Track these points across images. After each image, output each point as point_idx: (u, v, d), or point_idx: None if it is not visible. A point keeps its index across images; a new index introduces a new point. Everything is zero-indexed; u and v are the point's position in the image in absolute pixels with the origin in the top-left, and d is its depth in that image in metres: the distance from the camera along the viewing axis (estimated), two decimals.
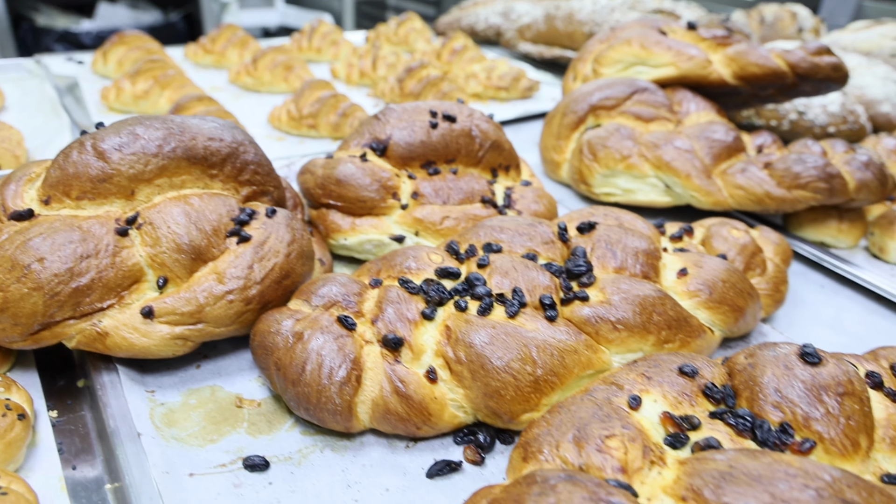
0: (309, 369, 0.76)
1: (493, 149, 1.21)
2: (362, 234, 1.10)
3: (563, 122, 1.50)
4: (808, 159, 1.21)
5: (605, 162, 1.36)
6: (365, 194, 1.10)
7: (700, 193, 1.27)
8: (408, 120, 1.17)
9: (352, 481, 0.74)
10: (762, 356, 0.72)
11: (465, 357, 0.78)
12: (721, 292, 0.92)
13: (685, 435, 0.65)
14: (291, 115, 1.68)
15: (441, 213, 1.10)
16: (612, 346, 0.84)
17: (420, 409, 0.77)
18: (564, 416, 0.67)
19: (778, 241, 1.10)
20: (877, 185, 1.20)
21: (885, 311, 1.14)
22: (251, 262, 0.87)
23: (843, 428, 0.65)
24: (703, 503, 0.56)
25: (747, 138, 1.39)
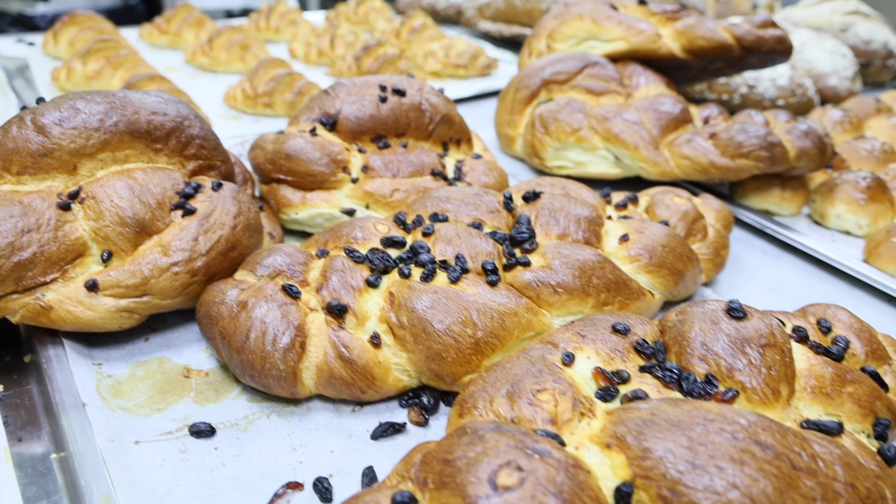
0: (253, 337, 0.77)
1: (444, 122, 1.23)
2: (313, 208, 1.11)
3: (516, 97, 1.51)
4: (750, 129, 1.24)
5: (557, 135, 1.38)
6: (315, 168, 1.10)
7: (648, 164, 1.30)
8: (357, 94, 1.18)
9: (297, 444, 0.75)
10: (691, 313, 0.74)
11: (408, 322, 0.79)
12: (661, 256, 0.95)
13: (615, 388, 0.68)
14: (246, 93, 1.68)
15: (391, 186, 1.11)
16: (552, 308, 0.86)
17: (364, 373, 0.79)
18: (499, 374, 0.69)
19: (720, 208, 1.14)
20: (816, 153, 1.24)
21: (823, 275, 1.18)
22: (196, 235, 0.87)
23: (764, 377, 0.68)
24: (625, 448, 0.59)
25: (695, 110, 1.42)
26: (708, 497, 0.54)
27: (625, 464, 0.58)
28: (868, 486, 0.59)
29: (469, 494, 0.53)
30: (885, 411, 0.72)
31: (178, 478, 0.70)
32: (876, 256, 1.14)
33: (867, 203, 1.26)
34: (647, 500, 0.56)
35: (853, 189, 1.27)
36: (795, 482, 0.55)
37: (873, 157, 1.45)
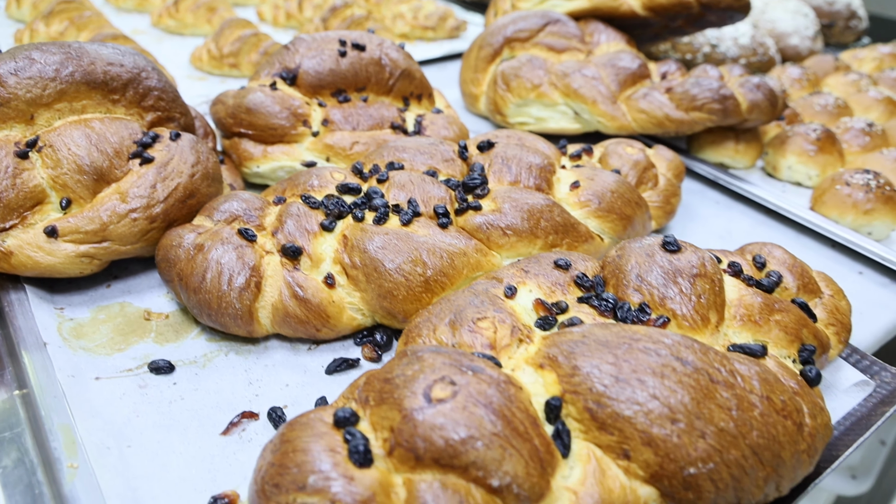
0: (209, 277, 0.80)
1: (404, 77, 1.24)
2: (274, 161, 1.13)
3: (479, 56, 1.53)
4: (704, 83, 1.27)
5: (518, 92, 1.41)
6: (275, 122, 1.12)
7: (606, 119, 1.33)
8: (317, 49, 1.19)
9: (253, 379, 0.78)
10: (629, 248, 0.78)
11: (360, 262, 0.82)
12: (610, 202, 0.98)
13: (553, 318, 0.71)
14: (212, 54, 1.68)
15: (351, 138, 1.13)
16: (502, 250, 0.89)
17: (318, 312, 0.81)
18: (444, 306, 0.72)
19: (671, 158, 1.17)
20: (767, 106, 1.27)
21: (771, 223, 1.22)
22: (154, 182, 0.89)
23: (693, 305, 0.71)
24: (556, 367, 0.62)
25: (653, 66, 1.45)
26: (630, 407, 0.58)
27: (556, 381, 0.62)
28: (784, 399, 0.63)
29: (405, 407, 0.56)
30: (812, 338, 0.77)
31: (137, 410, 0.73)
32: (821, 204, 1.18)
33: (817, 154, 1.29)
34: (575, 413, 0.60)
35: (803, 141, 1.31)
36: (712, 393, 0.59)
37: (827, 112, 1.49)
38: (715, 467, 0.57)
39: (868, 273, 1.09)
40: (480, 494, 0.54)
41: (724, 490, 0.58)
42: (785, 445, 0.61)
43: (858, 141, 1.37)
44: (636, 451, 0.58)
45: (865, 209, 1.13)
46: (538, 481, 0.55)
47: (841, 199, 1.15)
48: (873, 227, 1.14)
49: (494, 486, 0.53)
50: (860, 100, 1.57)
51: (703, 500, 0.58)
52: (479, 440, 0.54)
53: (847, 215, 1.14)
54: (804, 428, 0.63)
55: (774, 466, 0.60)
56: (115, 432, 0.70)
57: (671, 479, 0.58)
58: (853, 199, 1.14)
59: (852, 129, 1.39)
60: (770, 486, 0.61)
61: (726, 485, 0.58)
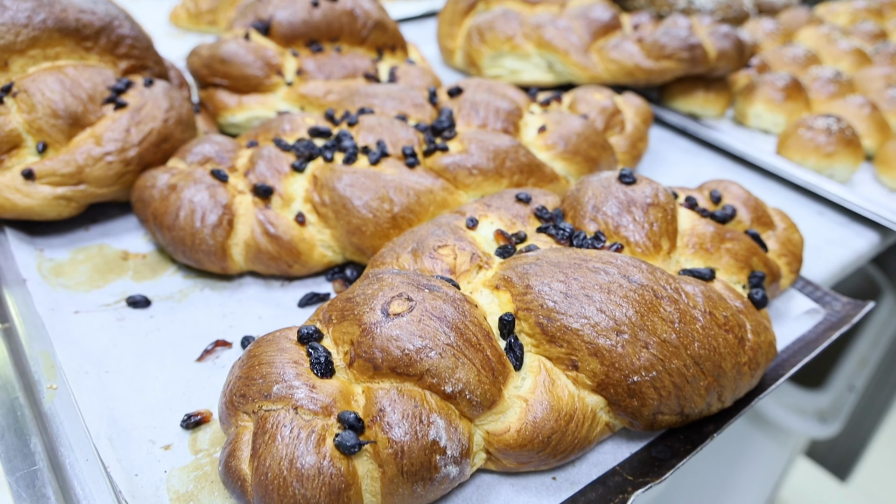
0: (182, 215, 0.83)
1: (377, 28, 1.26)
2: (249, 111, 1.15)
3: (455, 9, 1.54)
4: (673, 32, 1.29)
5: (492, 44, 1.42)
6: (249, 72, 1.14)
7: (578, 69, 1.35)
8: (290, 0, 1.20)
9: (227, 312, 0.82)
10: (587, 181, 0.81)
11: (330, 200, 0.85)
12: (575, 144, 1.01)
13: (512, 246, 0.74)
14: (190, 11, 1.68)
15: (325, 88, 1.15)
16: (469, 189, 0.92)
17: (290, 248, 0.84)
18: (408, 236, 0.75)
19: (639, 104, 1.19)
20: (735, 54, 1.30)
21: (738, 168, 1.25)
22: (128, 126, 0.91)
23: (646, 233, 0.75)
24: (511, 287, 0.66)
25: (626, 17, 1.47)
26: (578, 321, 0.62)
27: (510, 300, 0.65)
28: (727, 314, 0.67)
29: (364, 322, 0.59)
30: (762, 266, 0.80)
31: (114, 340, 0.76)
32: (785, 148, 1.21)
33: (784, 101, 1.32)
34: (527, 328, 0.64)
35: (770, 89, 1.33)
36: (656, 307, 0.63)
37: (797, 63, 1.52)
38: (657, 375, 0.61)
39: (828, 214, 1.13)
40: (435, 400, 0.57)
41: (666, 397, 0.62)
42: (726, 357, 0.65)
43: (826, 90, 1.40)
44: (584, 362, 0.61)
45: (827, 152, 1.16)
46: (490, 388, 0.59)
47: (803, 143, 1.18)
48: (835, 170, 1.17)
49: (448, 392, 0.57)
50: (830, 51, 1.59)
51: (646, 406, 0.62)
52: (434, 350, 0.57)
53: (809, 158, 1.18)
54: (745, 342, 0.67)
55: (715, 376, 0.64)
56: (94, 359, 0.73)
57: (616, 388, 0.61)
58: (815, 142, 1.17)
59: (820, 79, 1.42)
60: (712, 396, 0.65)
61: (669, 392, 0.62)
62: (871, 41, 1.73)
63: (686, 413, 0.64)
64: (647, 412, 0.62)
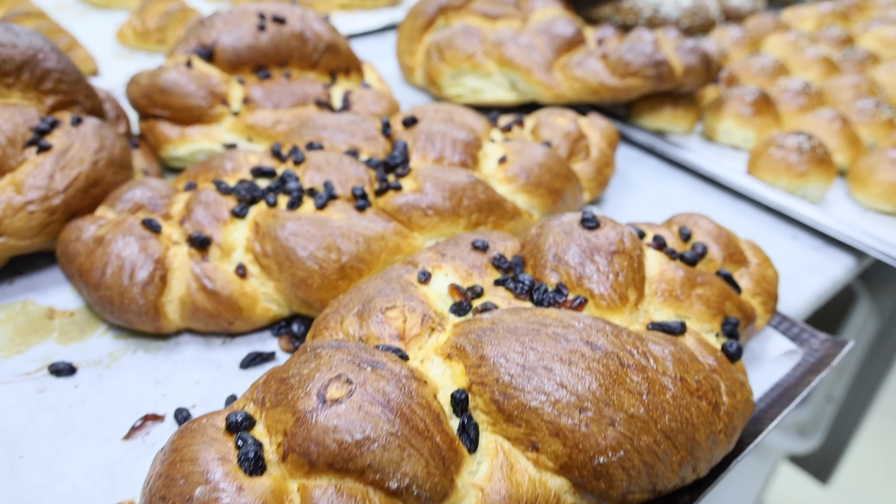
0: (110, 272, 0.76)
1: (329, 51, 1.19)
2: (193, 143, 1.07)
3: (414, 25, 1.48)
4: (638, 48, 1.24)
5: (452, 62, 1.36)
6: (192, 102, 1.07)
7: (541, 88, 1.29)
8: (234, 23, 1.13)
9: (161, 378, 0.75)
10: (548, 226, 0.75)
11: (272, 250, 0.78)
12: (538, 176, 0.95)
13: (468, 303, 0.68)
14: (137, 30, 1.60)
15: (273, 117, 1.08)
16: (424, 231, 0.86)
17: (230, 304, 0.78)
18: (354, 295, 0.69)
19: (605, 126, 1.14)
20: (702, 69, 1.25)
21: (708, 189, 1.21)
22: (52, 172, 0.84)
23: (611, 284, 0.69)
24: (464, 357, 0.60)
25: (589, 31, 1.41)
26: (536, 397, 0.56)
27: (463, 372, 0.59)
28: (699, 378, 0.62)
29: (298, 409, 0.53)
30: (735, 311, 0.75)
31: (33, 416, 0.69)
32: (756, 168, 1.17)
33: (753, 117, 1.28)
34: (482, 404, 0.58)
35: (739, 104, 1.29)
36: (622, 378, 0.57)
37: (765, 73, 1.48)
38: (626, 455, 0.56)
39: (801, 237, 1.09)
40: (379, 498, 0.51)
41: (636, 477, 0.57)
42: (699, 427, 0.59)
43: (795, 102, 1.36)
44: (545, 443, 0.56)
45: (799, 172, 1.12)
46: (440, 480, 0.53)
47: (774, 162, 1.14)
48: (807, 190, 1.13)
49: (393, 489, 0.51)
50: (798, 59, 1.56)
51: (615, 488, 0.57)
52: (376, 441, 0.51)
53: (781, 178, 1.13)
54: (721, 407, 0.62)
55: (689, 449, 0.59)
56: (8, 442, 0.66)
57: (581, 470, 0.56)
58: (786, 161, 1.13)
59: (789, 90, 1.38)
60: (686, 469, 0.60)
61: (639, 472, 0.57)
62: (838, 47, 1.70)
63: (658, 490, 0.59)
64: (616, 493, 0.57)
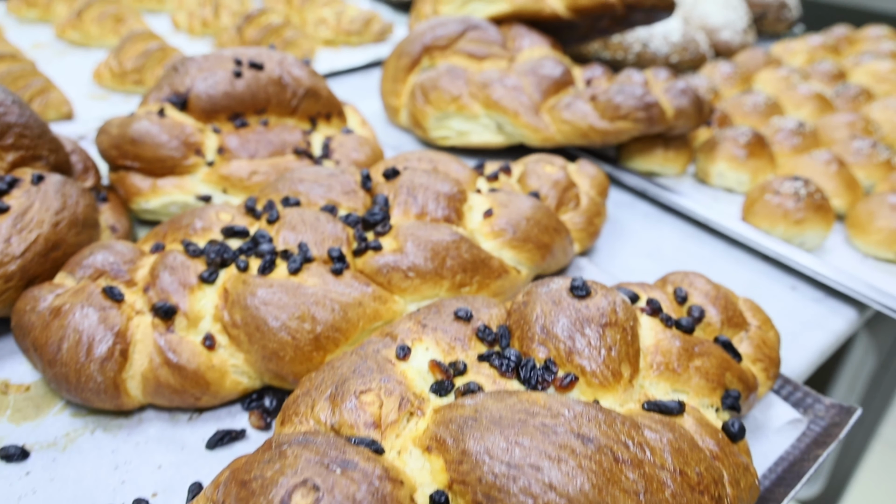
0: (66, 347, 0.70)
1: (309, 96, 1.15)
2: (165, 195, 1.03)
3: (398, 65, 1.44)
4: (628, 90, 1.21)
5: (438, 104, 1.33)
6: (164, 153, 1.02)
7: (529, 130, 1.26)
8: (209, 70, 1.09)
9: (121, 462, 0.69)
10: (535, 293, 0.71)
11: (242, 320, 0.73)
12: (525, 231, 0.91)
13: (450, 381, 0.64)
14: (113, 71, 1.56)
15: (249, 168, 1.04)
16: (405, 294, 0.81)
17: (196, 378, 0.73)
18: (327, 375, 0.64)
19: (594, 174, 1.10)
20: (693, 111, 1.22)
21: (702, 236, 1.17)
22: (8, 235, 0.79)
23: (603, 360, 0.64)
24: (444, 451, 0.55)
25: (577, 71, 1.38)
26: (524, 501, 0.51)
27: (443, 468, 0.54)
28: (700, 470, 0.57)
29: None
30: (736, 382, 0.71)
31: None
32: (752, 214, 1.13)
33: (747, 159, 1.24)
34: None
35: (733, 146, 1.26)
36: (617, 476, 0.52)
37: (757, 112, 1.45)
38: None
39: (801, 288, 1.04)
40: None
41: None
42: None
43: (789, 142, 1.33)
44: None
45: (796, 219, 1.08)
46: None
47: (771, 209, 1.10)
48: (805, 238, 1.09)
49: None
50: (791, 96, 1.53)
51: None
52: None
53: (778, 226, 1.09)
54: (724, 500, 0.57)
55: None
56: None
57: None
58: (783, 208, 1.09)
59: (783, 130, 1.35)
60: None
61: None
62: (830, 82, 1.68)
63: None
64: None
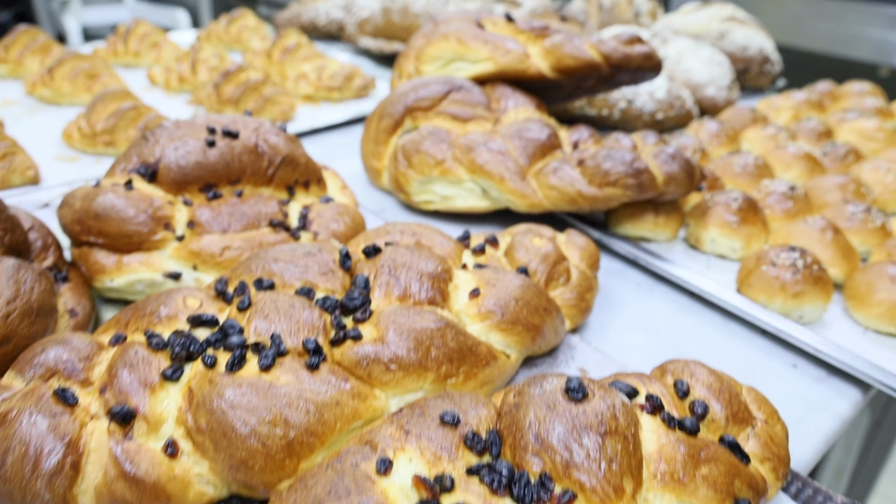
0: (10, 461, 0.63)
1: (286, 164, 1.11)
2: (131, 273, 0.97)
3: (379, 126, 1.41)
4: (617, 155, 1.17)
5: (421, 168, 1.29)
6: (130, 228, 0.96)
7: (515, 196, 1.22)
8: (180, 139, 1.04)
9: None
10: (528, 395, 0.65)
11: (207, 425, 0.67)
12: (514, 312, 0.86)
13: (437, 501, 0.58)
14: (84, 132, 1.51)
15: (222, 243, 0.98)
16: (387, 388, 0.75)
17: (156, 491, 0.66)
18: (300, 496, 0.58)
19: (584, 245, 1.06)
20: (684, 178, 1.19)
21: (697, 307, 1.12)
22: None
23: (604, 474, 0.59)
24: None
25: (564, 134, 1.35)
26: None
27: None
28: None
29: None
30: (745, 489, 0.65)
31: None
32: (748, 286, 1.09)
33: (740, 226, 1.21)
34: None
35: (725, 211, 1.22)
36: None
37: (747, 173, 1.42)
38: None
39: (802, 365, 1.00)
40: None
41: None
42: None
43: (781, 206, 1.30)
44: None
45: (794, 292, 1.04)
46: None
47: (768, 281, 1.06)
48: (804, 311, 1.05)
49: None
50: (780, 157, 1.51)
51: None
52: None
53: (776, 299, 1.05)
54: None
55: None
56: None
57: None
58: (780, 280, 1.05)
59: (774, 193, 1.32)
60: None
61: None
62: (817, 141, 1.66)
63: None
64: None
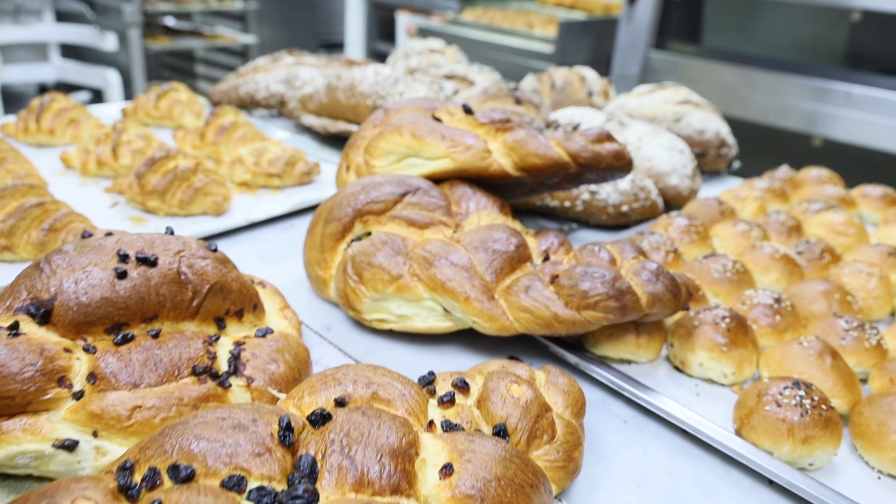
0: None
1: (215, 294, 0.93)
2: (11, 444, 0.77)
3: (325, 232, 1.25)
4: (596, 273, 1.04)
5: (374, 284, 1.13)
6: (13, 387, 0.77)
7: (483, 318, 1.07)
8: (83, 268, 0.86)
9: None
10: None
11: None
12: (497, 496, 0.70)
13: None
14: None
15: (131, 401, 0.80)
16: None
17: None
18: None
19: (568, 388, 0.91)
20: (670, 298, 1.06)
21: (693, 450, 0.98)
22: None
23: None
24: None
25: (532, 242, 1.22)
26: None
27: None
28: None
29: None
30: None
31: None
32: (749, 428, 0.96)
33: (730, 349, 1.09)
34: None
35: (713, 332, 1.10)
36: None
37: (727, 280, 1.31)
38: None
39: None
40: None
41: None
42: None
43: (768, 321, 1.19)
44: None
45: (804, 437, 0.91)
46: None
47: (773, 423, 0.93)
48: (815, 458, 0.92)
49: None
50: (756, 259, 1.41)
51: None
52: None
53: (783, 445, 0.92)
54: None
55: None
56: None
57: None
58: (787, 423, 0.92)
59: (759, 306, 1.21)
60: None
61: None
62: (788, 237, 1.59)
63: None
64: None
